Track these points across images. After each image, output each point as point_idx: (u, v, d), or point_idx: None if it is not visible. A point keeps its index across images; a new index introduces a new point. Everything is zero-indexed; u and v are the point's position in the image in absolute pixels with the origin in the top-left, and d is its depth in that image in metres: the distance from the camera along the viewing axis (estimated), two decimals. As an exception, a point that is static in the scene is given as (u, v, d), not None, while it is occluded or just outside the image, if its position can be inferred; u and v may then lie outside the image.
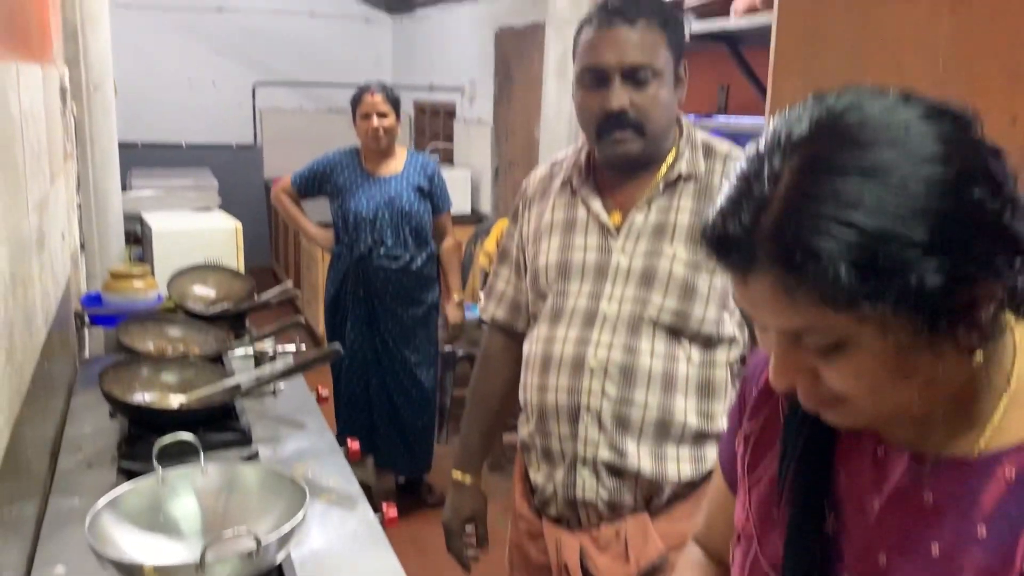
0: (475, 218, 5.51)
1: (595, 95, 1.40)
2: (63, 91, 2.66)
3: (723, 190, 0.67)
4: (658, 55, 1.38)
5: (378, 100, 3.29)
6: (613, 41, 1.37)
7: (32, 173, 1.92)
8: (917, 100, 0.65)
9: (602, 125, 1.40)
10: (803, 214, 0.60)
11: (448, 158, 6.13)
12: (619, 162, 1.45)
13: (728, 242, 0.65)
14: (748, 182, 0.65)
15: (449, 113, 6.30)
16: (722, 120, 2.31)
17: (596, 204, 1.47)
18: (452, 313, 3.57)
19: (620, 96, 1.37)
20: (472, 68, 5.75)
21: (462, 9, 5.93)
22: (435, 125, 6.66)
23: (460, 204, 5.54)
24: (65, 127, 2.70)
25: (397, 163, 3.39)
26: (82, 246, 3.28)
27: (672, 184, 1.44)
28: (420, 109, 6.95)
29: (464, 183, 5.59)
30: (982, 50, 1.67)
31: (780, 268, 0.61)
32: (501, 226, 4.48)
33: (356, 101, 3.37)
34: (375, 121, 3.28)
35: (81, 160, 3.26)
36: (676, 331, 1.41)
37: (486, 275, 4.04)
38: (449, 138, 6.27)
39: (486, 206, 5.59)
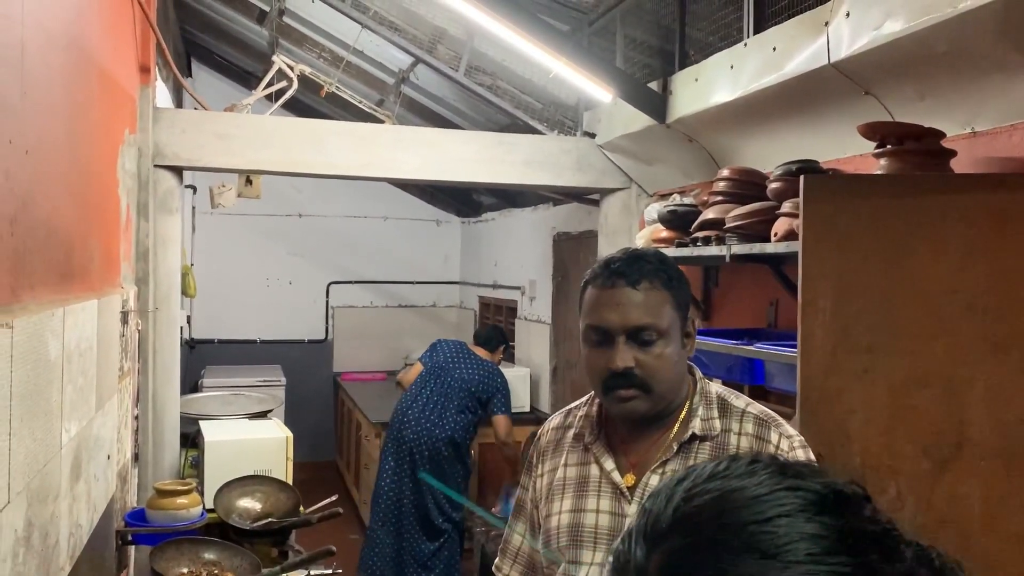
0: (534, 417, 5.44)
1: (600, 353, 1.37)
2: (124, 314, 2.78)
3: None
4: (662, 315, 1.36)
5: None
6: (616, 303, 1.35)
7: (73, 407, 1.98)
8: (797, 482, 0.58)
9: (608, 382, 1.37)
10: None
11: (509, 356, 6.16)
12: (626, 418, 1.40)
13: None
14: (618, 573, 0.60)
15: (511, 310, 6.40)
16: (762, 348, 2.26)
17: (609, 463, 1.40)
18: None
19: (624, 356, 1.34)
20: (532, 269, 5.88)
21: (523, 214, 6.15)
22: (498, 322, 6.75)
23: (519, 402, 5.50)
24: (124, 347, 2.80)
25: None
26: (136, 457, 3.32)
27: (687, 444, 1.38)
28: (484, 305, 7.08)
29: (524, 381, 5.57)
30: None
31: None
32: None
33: None
34: None
35: (143, 372, 3.37)
36: None
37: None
38: (511, 336, 6.32)
39: (545, 405, 5.53)
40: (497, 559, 1.60)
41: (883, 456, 1.68)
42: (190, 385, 5.95)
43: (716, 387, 1.46)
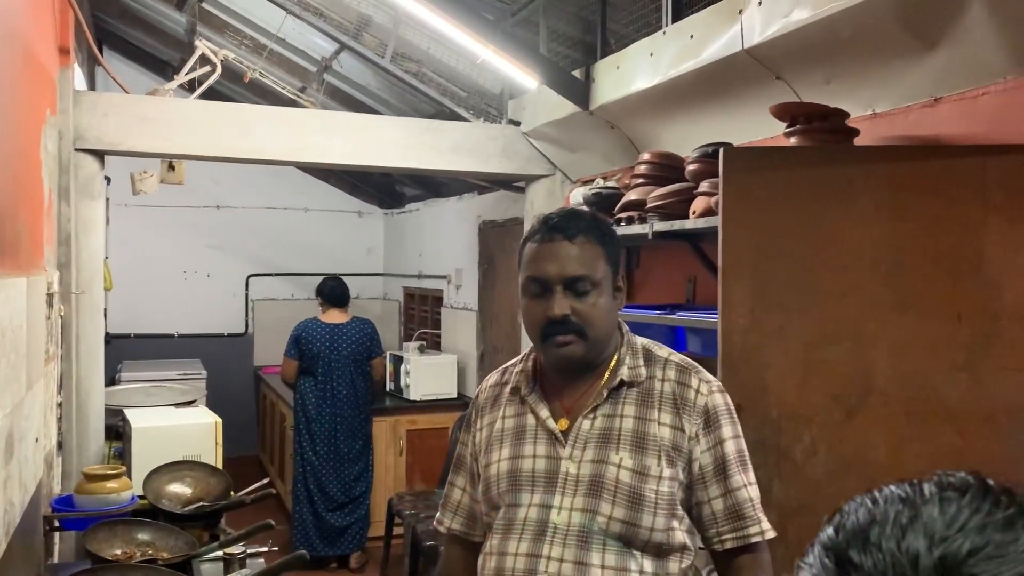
0: (461, 402, 5.52)
1: (539, 303, 1.46)
2: (49, 296, 2.74)
3: None
4: (597, 267, 1.46)
5: None
6: (554, 255, 1.45)
7: (7, 383, 1.96)
8: None
9: (546, 329, 1.45)
10: None
11: (435, 344, 6.21)
12: (564, 364, 1.48)
13: None
14: None
15: (437, 299, 6.45)
16: (684, 315, 2.39)
17: (543, 411, 1.49)
18: None
19: (562, 304, 1.44)
20: (458, 258, 5.95)
21: (448, 204, 6.21)
22: (423, 311, 6.80)
23: (446, 388, 5.57)
24: (49, 331, 2.76)
25: None
26: (59, 445, 3.26)
27: (616, 390, 1.48)
28: (409, 295, 7.11)
29: (451, 368, 5.63)
30: (922, 255, 1.77)
31: None
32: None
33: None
34: None
35: (66, 359, 3.31)
36: (626, 541, 1.39)
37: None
38: (437, 324, 6.38)
39: (472, 391, 5.59)
40: (438, 514, 1.67)
41: (798, 407, 1.82)
42: (107, 380, 5.79)
43: (641, 340, 1.57)
